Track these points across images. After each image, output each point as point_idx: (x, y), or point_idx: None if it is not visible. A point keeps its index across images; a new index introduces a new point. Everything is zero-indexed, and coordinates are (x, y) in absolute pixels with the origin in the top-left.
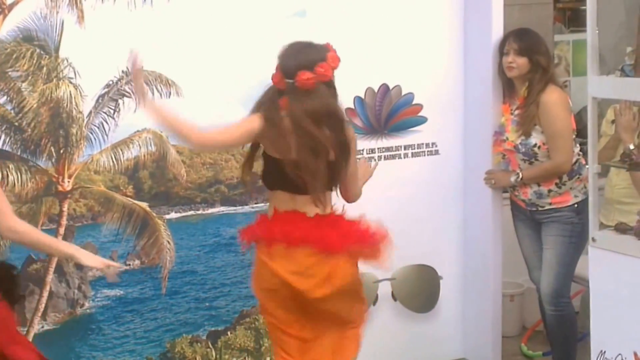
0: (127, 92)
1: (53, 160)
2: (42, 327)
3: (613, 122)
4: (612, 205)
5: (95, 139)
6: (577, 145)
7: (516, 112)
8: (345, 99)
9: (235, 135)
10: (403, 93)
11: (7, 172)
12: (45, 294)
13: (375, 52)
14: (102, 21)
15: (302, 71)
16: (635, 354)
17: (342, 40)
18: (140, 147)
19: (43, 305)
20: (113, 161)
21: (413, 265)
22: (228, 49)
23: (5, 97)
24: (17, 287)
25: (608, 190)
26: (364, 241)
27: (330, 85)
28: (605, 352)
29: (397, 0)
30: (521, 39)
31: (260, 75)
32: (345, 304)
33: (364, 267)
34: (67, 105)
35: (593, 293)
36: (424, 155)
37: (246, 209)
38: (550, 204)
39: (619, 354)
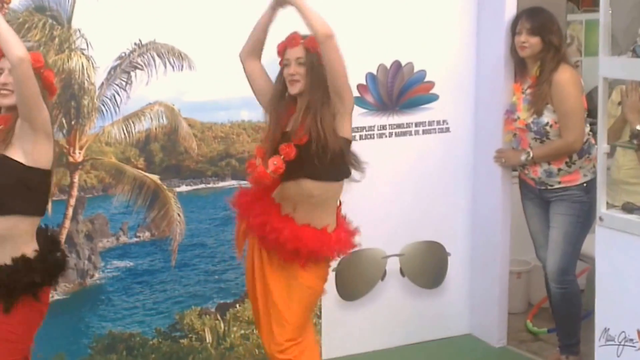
0: (139, 64)
1: (64, 131)
2: (52, 297)
3: (619, 103)
4: (618, 185)
5: (106, 110)
6: (588, 125)
7: (528, 91)
8: (358, 75)
9: None
10: (415, 70)
11: None
12: None
13: (388, 29)
14: None
15: None
16: (639, 332)
17: (355, 16)
18: (152, 120)
19: None
20: (124, 133)
21: (421, 242)
22: (240, 23)
23: None
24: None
25: (614, 170)
26: None
27: None
28: (609, 329)
29: None
30: (533, 18)
31: (272, 50)
32: None
33: (373, 242)
34: (79, 76)
35: (599, 271)
36: (435, 132)
37: None
38: (559, 182)
39: (623, 332)
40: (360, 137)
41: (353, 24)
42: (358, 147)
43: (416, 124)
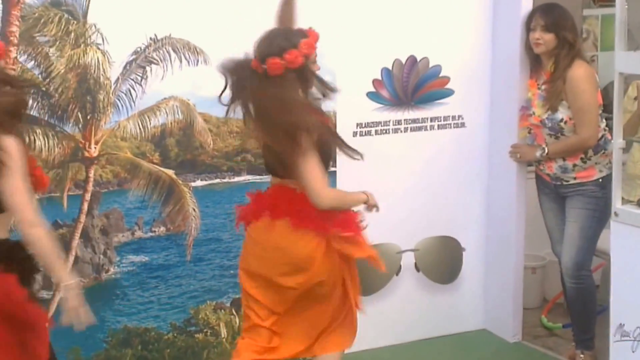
0: (154, 59)
1: (80, 126)
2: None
3: (635, 98)
4: (634, 180)
5: (122, 105)
6: (603, 120)
7: (543, 87)
8: (373, 70)
9: None
10: (430, 65)
11: (34, 137)
12: (71, 259)
13: (403, 23)
14: None
15: (272, 58)
16: None
17: (371, 11)
18: (167, 115)
19: (69, 270)
20: (140, 128)
21: (436, 237)
22: (256, 18)
23: (32, 62)
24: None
25: (630, 166)
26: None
27: (300, 72)
28: (624, 325)
29: None
30: (548, 15)
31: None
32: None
33: (387, 237)
34: (94, 71)
35: (614, 267)
36: (450, 127)
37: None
38: (574, 178)
39: (638, 327)
40: (376, 132)
41: (369, 18)
42: (373, 142)
43: (431, 119)
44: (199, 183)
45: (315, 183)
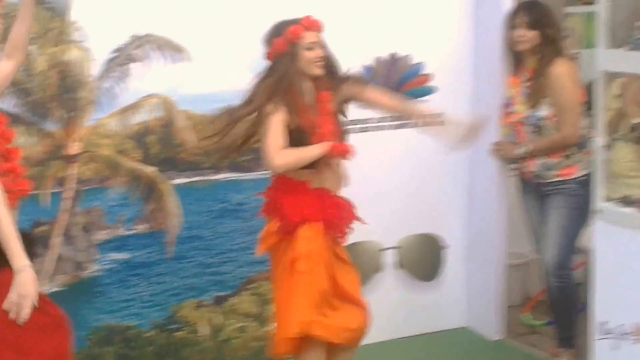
0: (136, 56)
1: (61, 123)
2: (49, 289)
3: (619, 96)
4: (616, 178)
5: (103, 103)
6: (586, 117)
7: (527, 84)
8: (354, 68)
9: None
10: (413, 62)
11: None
12: (53, 257)
13: (385, 20)
14: None
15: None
16: (638, 326)
17: (352, 8)
18: (148, 112)
19: (50, 267)
20: (121, 126)
21: (418, 234)
22: (237, 14)
23: None
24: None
25: (613, 163)
26: None
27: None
28: (606, 323)
29: None
30: (531, 12)
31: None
32: None
33: (369, 235)
34: (76, 68)
35: (597, 265)
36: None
37: (253, 175)
38: (556, 176)
39: (619, 325)
40: (359, 130)
41: (350, 15)
42: (355, 140)
43: None
44: (180, 180)
45: (268, 148)
